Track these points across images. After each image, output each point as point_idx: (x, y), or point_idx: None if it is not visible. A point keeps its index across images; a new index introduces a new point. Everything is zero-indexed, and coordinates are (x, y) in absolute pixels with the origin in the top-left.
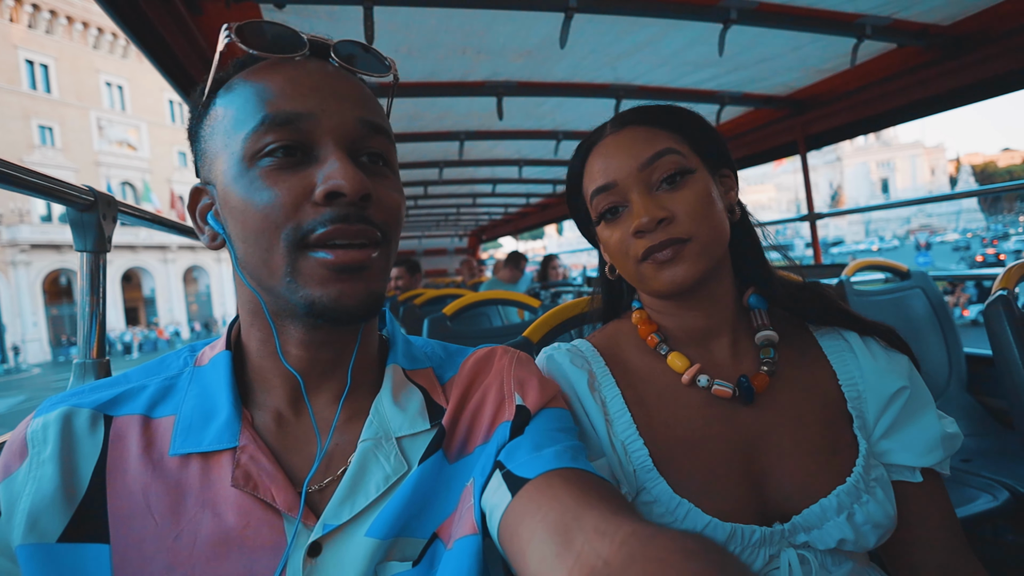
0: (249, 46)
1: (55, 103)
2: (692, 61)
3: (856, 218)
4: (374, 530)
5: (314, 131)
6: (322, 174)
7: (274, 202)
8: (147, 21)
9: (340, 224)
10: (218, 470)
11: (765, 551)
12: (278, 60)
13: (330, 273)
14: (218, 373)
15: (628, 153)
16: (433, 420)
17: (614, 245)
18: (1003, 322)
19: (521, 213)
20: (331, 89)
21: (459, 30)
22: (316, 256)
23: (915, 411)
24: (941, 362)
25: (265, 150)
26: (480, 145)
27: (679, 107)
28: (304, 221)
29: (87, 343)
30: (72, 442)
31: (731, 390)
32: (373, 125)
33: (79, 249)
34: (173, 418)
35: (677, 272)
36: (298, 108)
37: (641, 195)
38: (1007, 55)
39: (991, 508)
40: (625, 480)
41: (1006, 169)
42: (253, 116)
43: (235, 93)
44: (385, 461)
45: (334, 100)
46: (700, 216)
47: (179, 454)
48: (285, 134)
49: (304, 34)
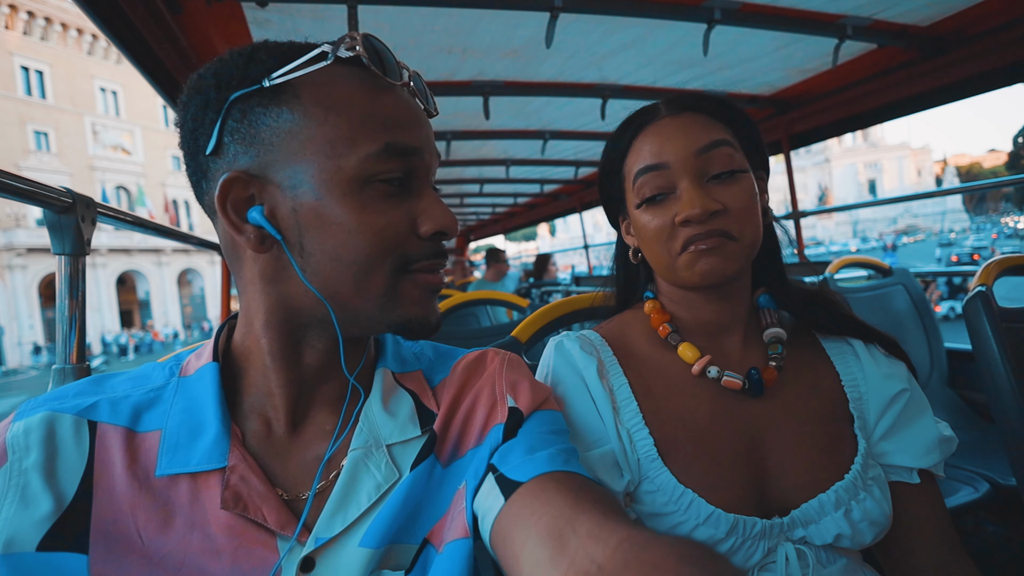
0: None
1: (50, 108)
2: (677, 61)
3: (843, 219)
4: (367, 540)
5: (418, 166)
6: (424, 210)
7: (388, 230)
8: (126, 20)
9: (440, 258)
10: (207, 490)
11: (764, 544)
12: (387, 84)
13: (425, 295)
14: (205, 386)
15: (687, 135)
16: (424, 426)
17: (653, 230)
18: (982, 318)
19: (509, 213)
20: (428, 126)
21: (444, 29)
22: (416, 280)
23: (914, 414)
24: (923, 357)
25: (383, 177)
26: (467, 145)
27: (733, 103)
28: (412, 250)
29: (66, 348)
30: (57, 449)
31: (741, 382)
32: (439, 157)
33: (57, 252)
34: (158, 433)
35: (715, 263)
36: (413, 142)
37: (693, 184)
38: (983, 55)
39: (972, 500)
40: (629, 469)
41: (991, 170)
42: (374, 138)
43: (341, 102)
44: (376, 470)
45: (430, 138)
46: (748, 216)
47: (166, 475)
48: (401, 165)
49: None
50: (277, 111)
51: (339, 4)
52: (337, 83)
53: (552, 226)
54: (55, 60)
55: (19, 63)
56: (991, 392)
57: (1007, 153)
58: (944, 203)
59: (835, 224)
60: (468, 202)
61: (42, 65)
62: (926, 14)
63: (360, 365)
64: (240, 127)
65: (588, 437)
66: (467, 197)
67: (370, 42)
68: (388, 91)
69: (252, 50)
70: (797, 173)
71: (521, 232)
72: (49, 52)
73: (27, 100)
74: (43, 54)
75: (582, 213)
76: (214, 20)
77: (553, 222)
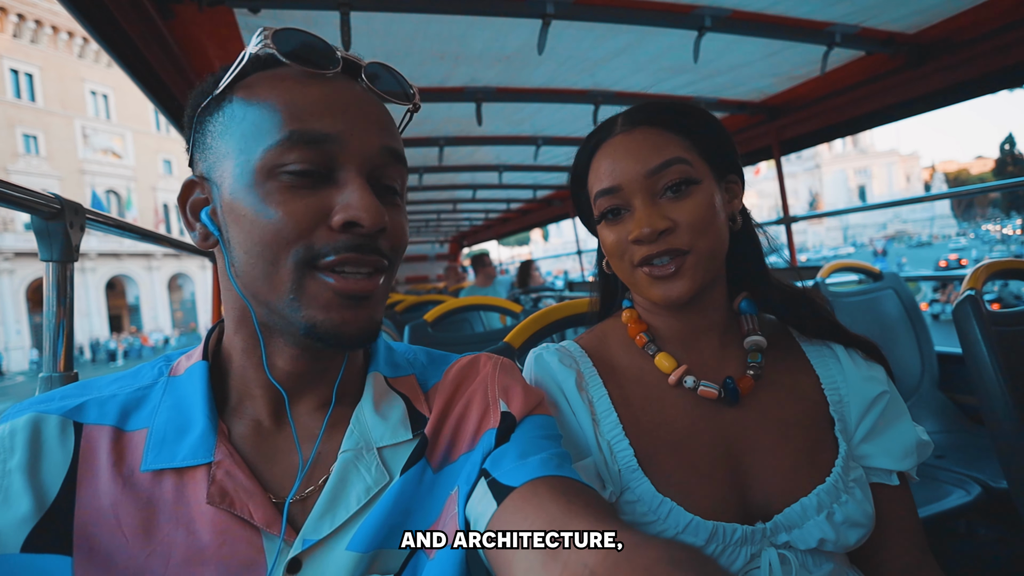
0: (283, 53)
1: (40, 112)
2: (668, 67)
3: (834, 224)
4: (355, 543)
5: (338, 154)
6: (341, 200)
7: (288, 220)
8: (117, 25)
9: (353, 253)
10: (192, 486)
11: (747, 550)
12: (311, 74)
13: (336, 298)
14: (194, 384)
15: (636, 158)
16: (415, 429)
17: (611, 246)
18: (972, 321)
19: (502, 218)
20: (359, 112)
21: (437, 36)
22: (324, 279)
23: (893, 417)
24: (913, 361)
25: (286, 168)
26: (460, 151)
27: (694, 109)
28: (317, 243)
29: (53, 355)
30: (41, 450)
31: (717, 391)
32: (395, 154)
33: (44, 259)
34: (145, 431)
35: (673, 288)
36: (326, 129)
37: (644, 203)
38: (968, 63)
39: (964, 503)
40: (610, 480)
41: (978, 176)
42: (277, 130)
43: (258, 97)
44: (366, 472)
45: (361, 124)
46: (701, 228)
47: (151, 470)
48: (308, 154)
49: (338, 50)
50: (218, 116)
51: (331, 11)
52: (263, 81)
53: (545, 231)
54: (45, 63)
55: (8, 66)
56: (981, 395)
57: (994, 159)
58: (933, 208)
59: (825, 229)
60: (461, 208)
61: (32, 68)
62: (913, 22)
63: (342, 370)
64: (199, 138)
65: (570, 450)
66: (460, 203)
67: (290, 35)
68: (314, 82)
69: (221, 67)
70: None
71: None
72: (39, 55)
73: (16, 103)
74: (33, 57)
75: (575, 218)
76: (206, 26)
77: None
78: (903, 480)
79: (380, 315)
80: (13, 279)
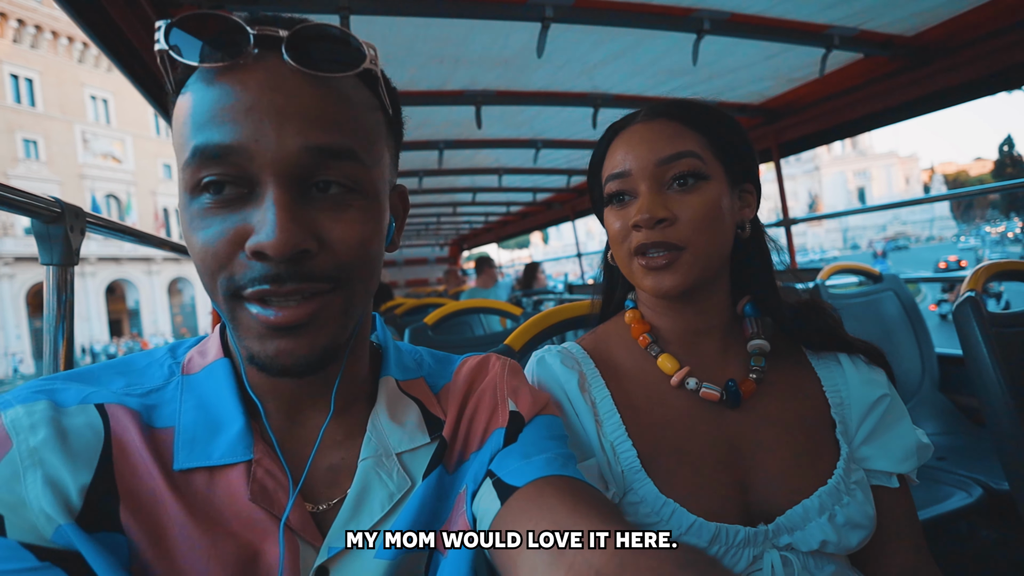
0: (183, 50)
1: (40, 117)
2: (667, 70)
3: (834, 226)
4: (382, 551)
5: (248, 165)
6: (255, 223)
7: (207, 249)
8: (116, 29)
9: (271, 284)
10: (226, 485)
11: (749, 551)
12: (218, 68)
13: (266, 330)
14: (218, 383)
15: (650, 146)
16: (432, 432)
17: (615, 232)
18: (972, 323)
19: (502, 221)
20: (271, 107)
21: (436, 39)
22: (251, 310)
23: (894, 420)
24: (914, 363)
25: (200, 185)
26: (460, 154)
27: (719, 112)
28: (236, 274)
29: (53, 360)
30: (66, 430)
31: (719, 393)
32: (326, 151)
33: (45, 263)
34: (171, 430)
35: (664, 280)
36: (226, 139)
37: (650, 190)
38: (967, 65)
39: (966, 505)
40: (613, 481)
41: (977, 177)
42: (187, 144)
43: (177, 107)
44: (388, 479)
45: (272, 123)
46: (701, 226)
47: (184, 468)
48: (219, 169)
49: (254, 26)
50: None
51: (331, 15)
52: (190, 82)
53: (545, 234)
54: (45, 68)
55: (8, 71)
56: (982, 397)
57: (993, 161)
58: (932, 210)
59: (825, 231)
60: (461, 211)
61: (32, 73)
62: (911, 24)
63: (337, 381)
64: None
65: (573, 451)
66: (460, 206)
67: (188, 22)
68: (222, 77)
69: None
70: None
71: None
72: (39, 60)
73: (16, 108)
74: (33, 62)
75: (575, 221)
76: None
77: (546, 230)
78: (903, 483)
79: (331, 339)
80: (13, 284)
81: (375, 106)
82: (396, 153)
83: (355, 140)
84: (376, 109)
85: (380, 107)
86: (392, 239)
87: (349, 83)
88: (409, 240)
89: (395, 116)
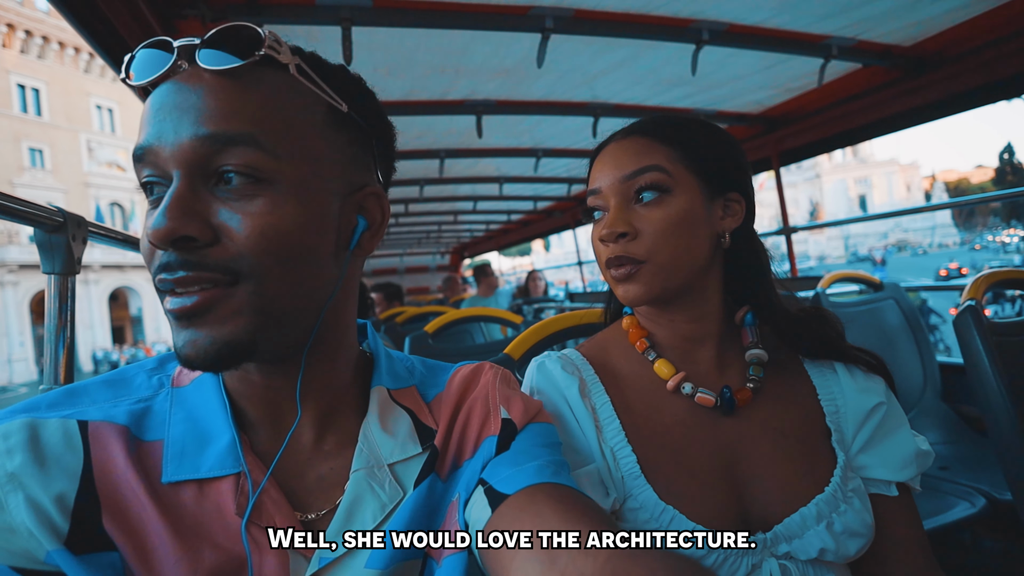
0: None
1: (46, 126)
2: (667, 80)
3: (835, 234)
4: (374, 561)
5: (160, 163)
6: None
7: (142, 245)
8: (120, 40)
9: (164, 272)
10: (215, 497)
11: (748, 560)
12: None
13: (175, 320)
14: (207, 395)
15: (616, 163)
16: (424, 442)
17: (594, 245)
18: (972, 332)
19: (503, 230)
20: (173, 106)
21: (437, 49)
22: (165, 301)
23: (891, 428)
24: (916, 371)
25: (143, 188)
26: (460, 163)
27: (694, 124)
28: (153, 265)
29: (54, 369)
30: (44, 453)
31: (714, 399)
32: (220, 138)
33: (47, 271)
34: (160, 443)
35: (629, 290)
36: (142, 142)
37: (616, 206)
38: (964, 75)
39: (969, 515)
40: (614, 486)
41: (978, 185)
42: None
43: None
44: (380, 490)
45: (171, 120)
46: (663, 239)
47: (172, 481)
48: (145, 170)
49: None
50: None
51: (333, 25)
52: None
53: (547, 242)
54: (51, 78)
55: (15, 81)
56: (984, 406)
57: (993, 169)
58: (933, 218)
59: (827, 239)
60: (462, 219)
61: (38, 83)
62: (909, 35)
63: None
64: None
65: (573, 456)
66: (461, 214)
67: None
68: (154, 92)
69: None
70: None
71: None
72: (46, 70)
73: (23, 117)
74: (40, 72)
75: (576, 229)
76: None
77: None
78: (905, 491)
79: (229, 334)
80: (17, 291)
81: (307, 99)
82: (368, 153)
83: (257, 128)
84: (310, 102)
85: (320, 101)
86: (359, 242)
87: (262, 75)
88: (410, 248)
89: (365, 117)
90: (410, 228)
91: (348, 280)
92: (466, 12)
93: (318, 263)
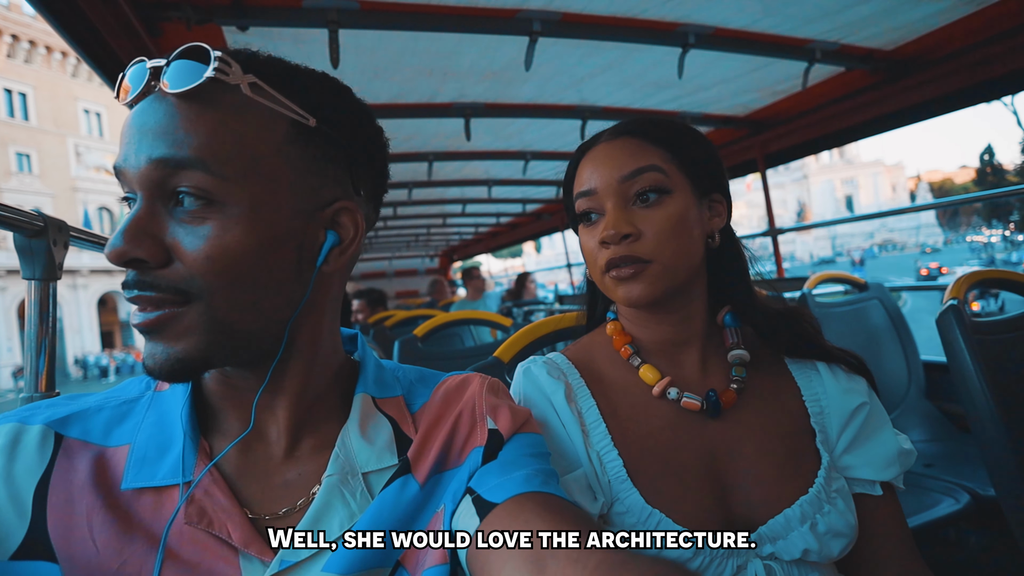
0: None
1: (33, 130)
2: (653, 83)
3: (822, 234)
4: (332, 565)
5: (128, 182)
6: None
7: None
8: (104, 43)
9: (125, 290)
10: (171, 504)
11: (733, 561)
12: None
13: (140, 333)
14: (176, 400)
15: (613, 164)
16: (401, 453)
17: (587, 250)
18: (955, 331)
19: (492, 232)
20: (135, 129)
21: (425, 52)
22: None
23: (875, 428)
24: (900, 370)
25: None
26: (449, 166)
27: (681, 126)
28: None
29: (34, 376)
30: (16, 457)
31: (699, 403)
32: (170, 162)
33: (27, 277)
34: (127, 448)
35: (633, 290)
36: (117, 158)
37: (615, 207)
38: (944, 78)
39: (953, 511)
40: (601, 491)
41: (962, 185)
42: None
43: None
44: (351, 498)
45: (135, 141)
46: (666, 239)
47: (131, 488)
48: (124, 186)
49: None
50: None
51: (320, 28)
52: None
53: (538, 243)
54: (39, 82)
55: (2, 86)
56: (967, 404)
57: (975, 169)
58: (918, 218)
59: (814, 239)
60: (450, 222)
61: (26, 87)
62: (891, 39)
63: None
64: None
65: (561, 462)
66: (449, 217)
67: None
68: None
69: None
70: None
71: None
72: (33, 74)
73: (9, 122)
74: (27, 76)
75: (564, 232)
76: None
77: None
78: (889, 490)
79: (183, 352)
80: (5, 296)
81: (264, 117)
82: (341, 167)
83: (206, 151)
84: (268, 120)
85: (282, 118)
86: (328, 258)
87: (218, 95)
88: (399, 251)
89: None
90: (399, 231)
91: (321, 294)
92: (454, 15)
93: (276, 282)
